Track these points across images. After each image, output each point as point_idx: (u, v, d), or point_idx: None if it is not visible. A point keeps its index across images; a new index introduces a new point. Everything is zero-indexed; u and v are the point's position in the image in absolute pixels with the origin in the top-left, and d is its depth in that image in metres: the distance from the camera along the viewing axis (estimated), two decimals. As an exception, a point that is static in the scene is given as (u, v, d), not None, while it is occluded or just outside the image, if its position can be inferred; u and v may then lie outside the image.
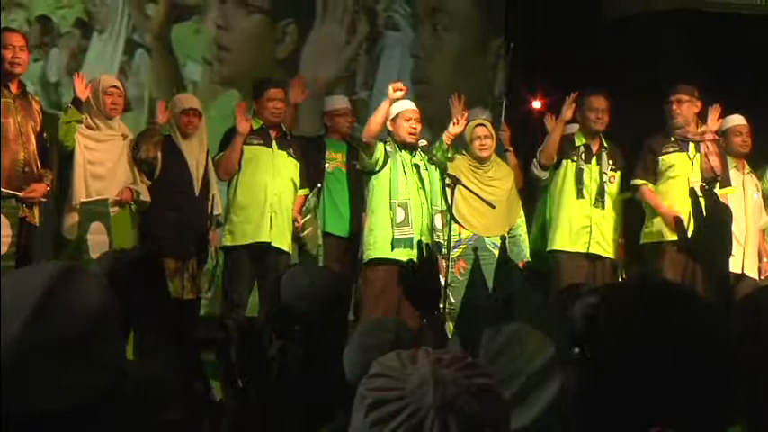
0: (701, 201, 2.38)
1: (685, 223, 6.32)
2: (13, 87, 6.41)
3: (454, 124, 7.27)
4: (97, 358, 1.67)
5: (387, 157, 7.15)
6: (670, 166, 7.36)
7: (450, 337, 7.00)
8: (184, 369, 3.43)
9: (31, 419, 1.63)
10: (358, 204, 7.54)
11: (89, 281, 1.71)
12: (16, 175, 6.30)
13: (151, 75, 9.52)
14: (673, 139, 7.41)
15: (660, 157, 7.39)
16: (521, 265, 7.47)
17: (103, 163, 6.77)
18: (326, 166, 7.68)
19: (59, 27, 9.32)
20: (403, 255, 7.02)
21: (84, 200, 6.60)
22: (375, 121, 7.05)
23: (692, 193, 2.31)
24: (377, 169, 7.16)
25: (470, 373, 1.58)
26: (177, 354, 3.47)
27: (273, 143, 7.35)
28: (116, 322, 1.72)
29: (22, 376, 1.60)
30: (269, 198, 7.21)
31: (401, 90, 7.02)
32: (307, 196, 7.49)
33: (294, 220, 7.36)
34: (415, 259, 6.99)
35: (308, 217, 7.37)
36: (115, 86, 6.90)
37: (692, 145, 7.40)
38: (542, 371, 2.45)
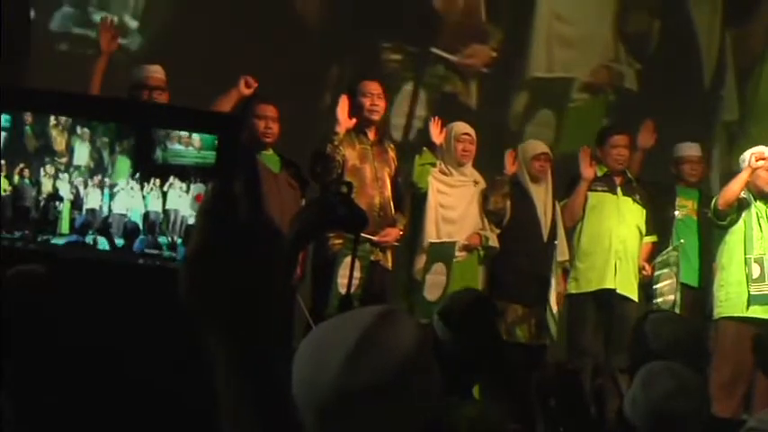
0: None
1: None
2: (371, 134, 6.62)
3: None
4: (411, 401, 1.70)
5: (740, 208, 6.94)
6: None
7: None
8: (526, 415, 3.46)
9: None
10: (709, 254, 7.33)
11: (406, 324, 1.74)
12: (371, 219, 6.45)
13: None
14: None
15: None
16: None
17: (455, 207, 6.89)
18: (677, 213, 7.53)
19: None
20: (759, 312, 6.78)
21: (434, 240, 6.72)
22: (732, 191, 6.90)
23: None
24: (730, 226, 6.98)
25: None
26: (520, 400, 3.50)
27: (618, 189, 7.31)
28: (432, 366, 1.74)
29: (338, 418, 1.66)
30: (614, 245, 7.15)
31: (764, 159, 6.82)
32: (654, 244, 7.36)
33: (642, 268, 7.26)
34: None
35: (665, 270, 7.18)
36: (467, 134, 6.98)
37: None
38: None
